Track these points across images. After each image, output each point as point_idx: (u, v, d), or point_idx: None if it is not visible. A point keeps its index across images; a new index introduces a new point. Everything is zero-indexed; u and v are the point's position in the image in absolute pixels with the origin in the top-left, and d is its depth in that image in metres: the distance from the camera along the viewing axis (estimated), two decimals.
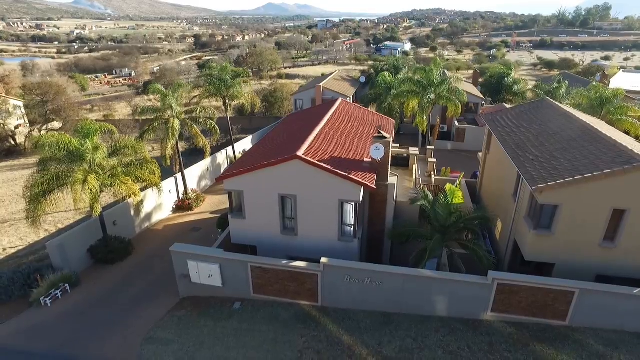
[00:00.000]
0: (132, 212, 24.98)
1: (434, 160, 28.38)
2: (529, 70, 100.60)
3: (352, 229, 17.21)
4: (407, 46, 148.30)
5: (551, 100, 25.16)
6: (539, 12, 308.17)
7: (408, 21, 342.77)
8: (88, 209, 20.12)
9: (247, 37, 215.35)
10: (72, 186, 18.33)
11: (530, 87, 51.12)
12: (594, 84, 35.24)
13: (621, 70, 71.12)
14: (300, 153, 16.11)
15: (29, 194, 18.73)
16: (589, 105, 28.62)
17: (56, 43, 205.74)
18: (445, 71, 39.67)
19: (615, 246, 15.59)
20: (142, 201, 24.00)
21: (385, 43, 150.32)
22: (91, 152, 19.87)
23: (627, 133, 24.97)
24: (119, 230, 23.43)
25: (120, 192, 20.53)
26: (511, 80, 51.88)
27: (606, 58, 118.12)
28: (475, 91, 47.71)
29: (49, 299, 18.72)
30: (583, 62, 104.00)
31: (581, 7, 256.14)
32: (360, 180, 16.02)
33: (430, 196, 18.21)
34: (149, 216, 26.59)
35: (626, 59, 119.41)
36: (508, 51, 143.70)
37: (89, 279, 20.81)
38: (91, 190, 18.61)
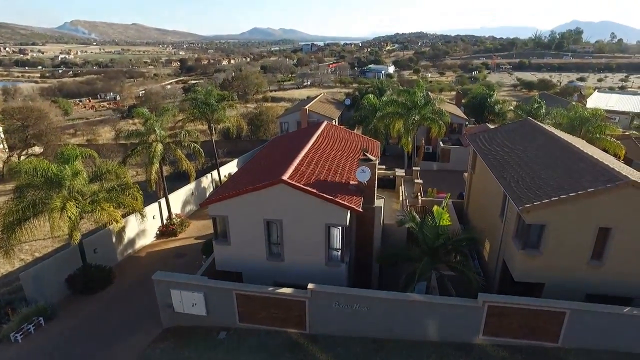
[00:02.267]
0: (114, 239, 24.26)
1: (420, 181, 28.44)
2: (510, 90, 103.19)
3: (339, 253, 16.90)
4: (391, 69, 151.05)
5: (533, 120, 25.65)
6: (516, 36, 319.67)
7: (391, 44, 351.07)
8: (67, 236, 19.42)
9: (232, 61, 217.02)
10: (49, 214, 17.69)
11: (512, 107, 52.27)
12: (573, 103, 36.25)
13: (596, 90, 73.55)
14: (285, 177, 15.91)
15: (2, 222, 18.00)
16: (569, 124, 29.30)
17: (40, 67, 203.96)
18: (429, 93, 40.28)
19: (603, 264, 15.60)
20: (123, 227, 23.35)
21: (370, 66, 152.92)
22: (70, 178, 19.32)
23: (606, 151, 25.53)
24: (100, 258, 22.65)
25: (101, 218, 19.92)
26: (493, 100, 53.04)
27: (581, 79, 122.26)
28: (459, 112, 48.55)
29: (20, 335, 17.72)
30: (560, 83, 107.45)
31: (555, 31, 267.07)
32: (347, 203, 15.83)
33: (418, 218, 18.09)
34: (131, 242, 25.86)
35: (600, 80, 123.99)
36: (489, 73, 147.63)
37: (67, 310, 19.89)
38: (70, 217, 17.99)
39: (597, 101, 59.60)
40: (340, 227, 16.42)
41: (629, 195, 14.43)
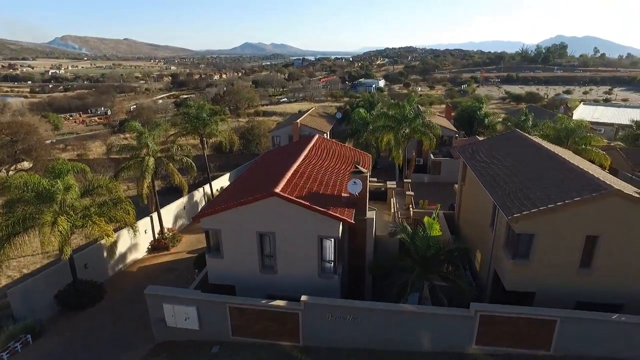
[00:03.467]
0: (105, 254, 24.05)
1: (412, 193, 28.70)
2: (498, 103, 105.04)
3: (332, 265, 16.98)
4: (381, 83, 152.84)
5: (520, 131, 26.18)
6: (504, 50, 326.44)
7: (381, 59, 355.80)
8: (57, 252, 19.24)
9: (224, 76, 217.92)
10: (40, 228, 17.55)
11: (500, 119, 53.18)
12: (560, 115, 37.04)
13: (582, 103, 75.24)
14: (278, 190, 16.04)
15: None
16: (556, 136, 29.90)
17: (29, 82, 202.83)
18: (419, 106, 40.91)
19: (591, 272, 15.84)
20: (115, 242, 23.18)
21: (360, 80, 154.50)
22: (62, 192, 19.24)
23: (592, 161, 26.07)
24: (91, 273, 22.44)
25: (93, 233, 19.81)
26: (482, 113, 53.90)
27: (567, 92, 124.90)
28: (449, 125, 49.23)
29: (6, 353, 17.37)
30: (547, 96, 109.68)
31: (541, 45, 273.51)
32: (339, 215, 15.98)
33: (409, 229, 18.26)
34: (122, 257, 25.66)
35: (585, 93, 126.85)
36: (477, 86, 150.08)
37: (56, 327, 19.60)
38: (61, 232, 17.85)
39: (583, 113, 61.01)
40: (332, 239, 16.52)
41: (613, 204, 14.78)
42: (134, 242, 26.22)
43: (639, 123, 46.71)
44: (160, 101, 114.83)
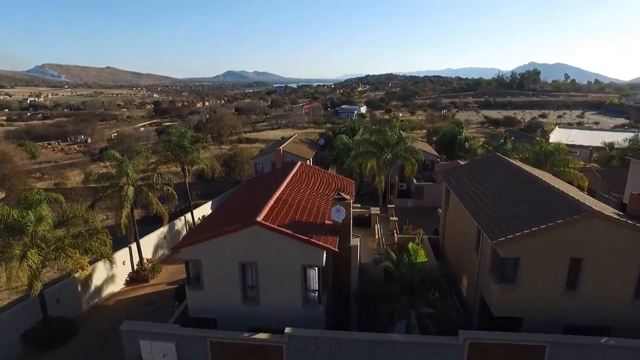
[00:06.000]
0: (79, 288, 22.98)
1: (396, 218, 28.62)
2: (478, 127, 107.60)
3: (316, 294, 16.52)
4: (363, 109, 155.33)
5: (501, 155, 26.58)
6: (480, 76, 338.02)
7: (362, 85, 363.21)
8: (26, 287, 18.22)
9: (207, 103, 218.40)
10: (7, 263, 16.62)
11: (480, 143, 54.22)
12: (538, 139, 37.96)
13: (557, 126, 77.62)
14: (259, 218, 15.71)
15: None
16: (535, 159, 30.49)
17: (6, 110, 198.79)
18: (401, 131, 41.40)
19: (578, 294, 15.79)
20: (90, 275, 22.22)
21: (342, 106, 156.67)
22: (33, 223, 18.41)
23: (570, 183, 26.54)
24: (63, 308, 21.29)
25: (66, 265, 18.93)
26: (463, 137, 54.92)
27: (543, 116, 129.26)
28: (430, 149, 49.90)
29: None
30: (524, 120, 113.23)
31: (515, 71, 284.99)
32: (322, 243, 15.67)
33: (394, 255, 18.03)
34: (98, 290, 24.57)
35: (559, 117, 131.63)
36: (457, 111, 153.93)
37: None
38: (30, 266, 16.94)
39: (559, 136, 62.72)
40: (316, 268, 16.14)
41: (594, 226, 14.91)
42: (111, 274, 25.19)
43: (611, 145, 48.26)
44: (142, 129, 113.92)
